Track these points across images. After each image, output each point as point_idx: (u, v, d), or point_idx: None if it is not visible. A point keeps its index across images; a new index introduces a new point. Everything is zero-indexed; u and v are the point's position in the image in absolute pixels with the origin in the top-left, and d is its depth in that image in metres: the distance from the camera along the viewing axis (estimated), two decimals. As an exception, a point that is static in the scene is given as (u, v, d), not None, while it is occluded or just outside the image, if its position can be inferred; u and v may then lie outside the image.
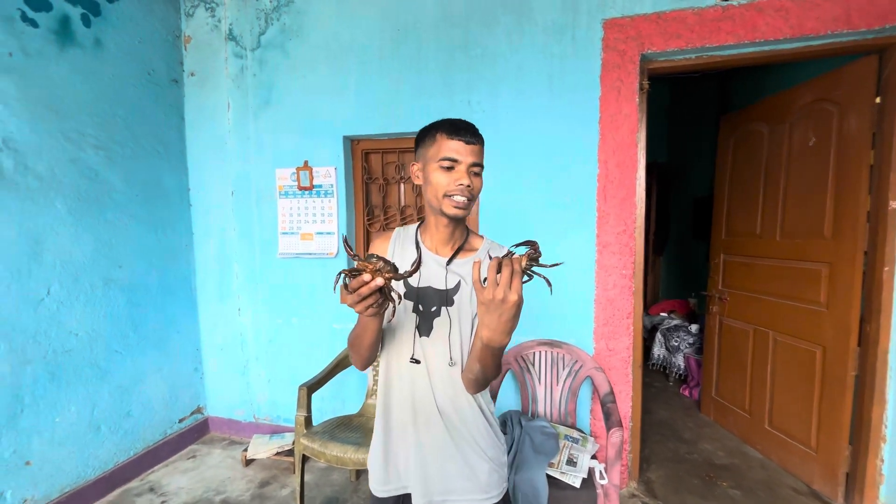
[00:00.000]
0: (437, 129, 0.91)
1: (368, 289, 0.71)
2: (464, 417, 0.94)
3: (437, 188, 0.90)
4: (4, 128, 1.74)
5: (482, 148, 0.93)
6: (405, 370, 0.94)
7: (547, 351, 2.04)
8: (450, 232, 0.96)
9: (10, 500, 1.76)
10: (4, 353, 1.74)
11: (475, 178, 0.91)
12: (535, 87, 2.06)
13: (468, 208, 0.91)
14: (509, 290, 0.69)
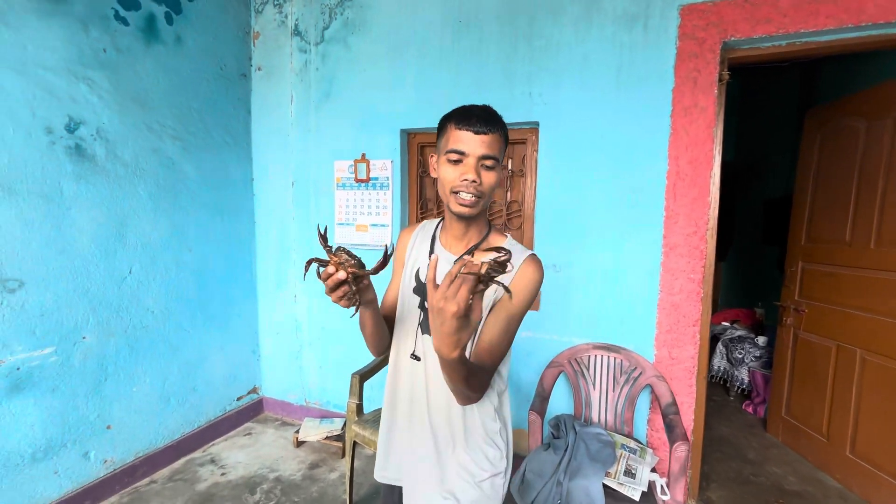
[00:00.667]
0: (449, 118, 0.84)
1: (333, 281, 0.71)
2: (454, 430, 0.89)
3: (444, 183, 0.84)
4: (98, 119, 1.89)
5: (498, 138, 0.83)
6: (408, 365, 0.92)
7: (603, 355, 1.96)
8: (462, 229, 0.90)
9: (93, 459, 1.93)
10: (93, 325, 1.90)
11: (486, 173, 0.82)
12: (600, 79, 1.97)
13: (477, 206, 0.83)
14: (449, 298, 0.59)
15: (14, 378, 1.66)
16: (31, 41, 1.66)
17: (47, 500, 1.77)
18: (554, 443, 1.65)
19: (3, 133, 1.60)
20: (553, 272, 2.10)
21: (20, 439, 1.68)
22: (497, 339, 0.82)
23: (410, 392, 0.92)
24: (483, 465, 0.90)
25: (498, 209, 2.32)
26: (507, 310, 0.83)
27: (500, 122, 0.84)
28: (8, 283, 1.63)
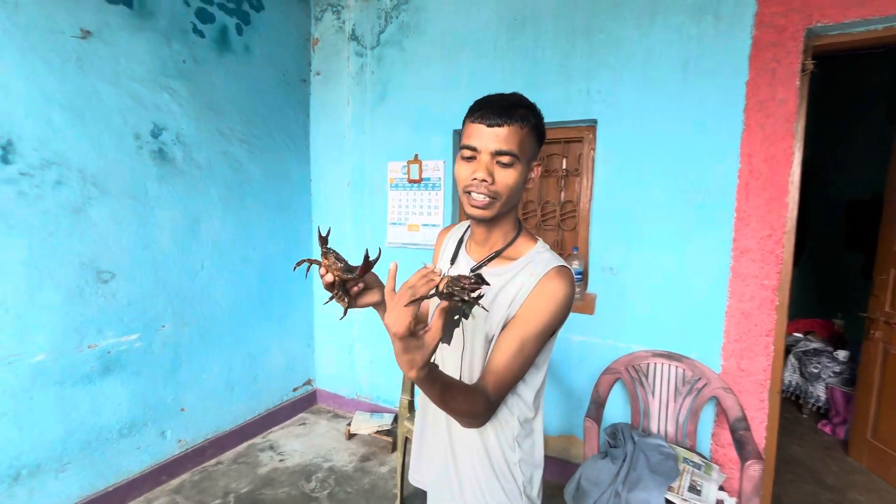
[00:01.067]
0: (468, 110, 0.77)
1: (324, 283, 0.72)
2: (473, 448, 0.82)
3: (458, 182, 0.76)
4: (178, 124, 2.05)
5: (518, 129, 0.72)
6: None
7: (664, 364, 1.86)
8: (482, 233, 0.81)
9: (169, 438, 2.09)
10: (171, 315, 2.06)
11: (501, 171, 0.72)
12: (665, 73, 1.87)
13: (491, 208, 0.74)
14: (396, 316, 0.54)
15: (106, 360, 1.83)
16: (123, 55, 1.83)
17: (130, 473, 1.94)
18: (611, 451, 1.59)
19: (101, 139, 1.77)
20: (609, 275, 2.03)
21: (110, 416, 1.86)
22: (504, 363, 0.72)
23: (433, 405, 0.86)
24: (498, 498, 0.81)
25: (552, 209, 2.27)
26: (520, 330, 0.73)
27: (523, 112, 0.73)
28: (102, 275, 1.80)
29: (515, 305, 0.76)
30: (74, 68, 1.68)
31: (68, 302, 1.71)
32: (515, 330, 0.73)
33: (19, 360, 1.58)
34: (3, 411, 1.55)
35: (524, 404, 0.83)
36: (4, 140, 1.52)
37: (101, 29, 1.76)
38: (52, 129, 1.63)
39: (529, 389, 0.82)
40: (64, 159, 1.67)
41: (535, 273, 0.76)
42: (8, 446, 1.57)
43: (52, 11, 1.61)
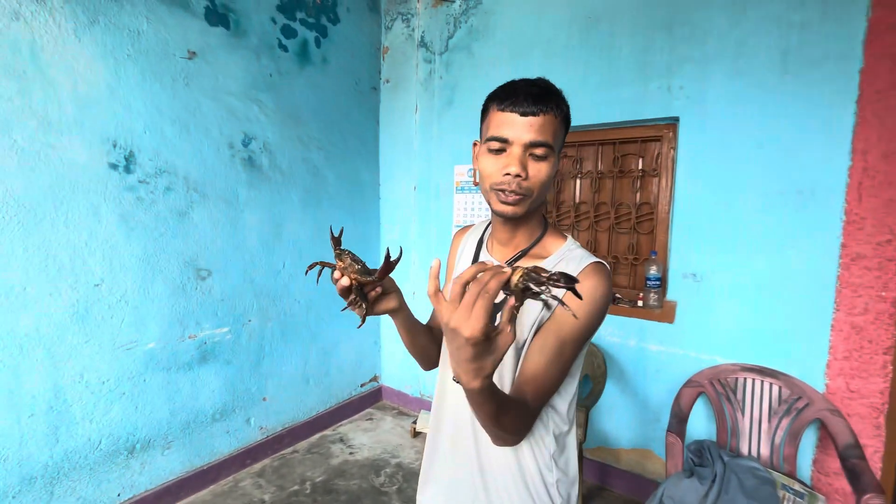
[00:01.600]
0: (492, 98, 0.69)
1: (338, 287, 0.66)
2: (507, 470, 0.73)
3: (484, 178, 0.69)
4: (264, 133, 2.21)
5: (552, 119, 0.65)
6: (449, 388, 0.78)
7: (755, 379, 1.72)
8: (508, 231, 0.75)
9: (253, 425, 2.26)
10: (256, 311, 2.22)
11: (535, 164, 0.66)
12: (759, 66, 1.73)
13: (523, 205, 0.68)
14: (466, 317, 0.45)
15: (203, 350, 2.01)
16: (220, 72, 2.01)
17: (220, 454, 2.12)
18: (697, 470, 1.50)
19: (201, 148, 1.96)
20: (691, 281, 1.91)
21: (205, 401, 2.04)
22: (543, 370, 0.65)
23: (455, 417, 0.77)
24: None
25: (626, 211, 2.18)
26: (558, 332, 0.66)
27: (556, 99, 0.66)
28: (201, 272, 1.99)
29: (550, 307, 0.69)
30: (182, 86, 1.87)
31: (173, 296, 1.90)
32: (552, 333, 0.66)
33: (136, 346, 1.79)
34: (123, 391, 1.76)
35: (559, 417, 0.75)
36: (127, 152, 1.72)
37: (204, 49, 1.94)
38: (164, 141, 1.83)
39: (563, 400, 0.74)
40: (173, 168, 1.86)
41: (570, 269, 0.70)
42: (126, 422, 1.77)
43: (165, 36, 1.80)
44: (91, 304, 1.65)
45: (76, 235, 1.60)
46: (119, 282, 1.72)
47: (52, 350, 1.56)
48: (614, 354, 2.11)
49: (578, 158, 2.30)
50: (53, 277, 1.56)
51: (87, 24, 1.59)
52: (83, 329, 1.64)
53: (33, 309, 1.52)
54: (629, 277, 2.20)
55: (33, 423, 1.54)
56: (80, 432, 1.65)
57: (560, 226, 2.40)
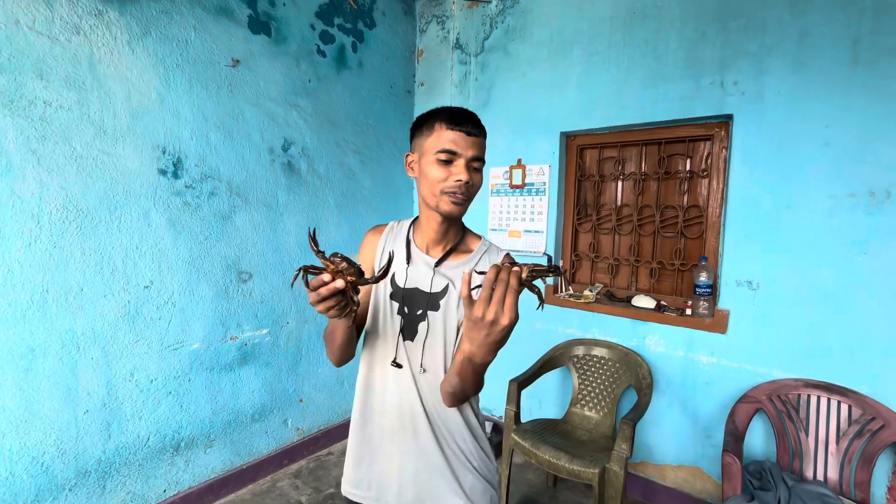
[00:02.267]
0: (436, 118, 0.82)
1: (328, 290, 0.64)
2: (449, 427, 0.87)
3: (433, 183, 0.82)
4: (303, 138, 2.24)
5: (484, 141, 0.84)
6: (389, 374, 0.87)
7: (821, 396, 1.59)
8: (443, 231, 0.89)
9: (290, 426, 2.29)
10: (294, 313, 2.25)
11: (475, 174, 0.83)
12: (826, 56, 1.60)
13: (465, 205, 0.84)
14: (502, 310, 0.59)
15: (243, 351, 2.05)
16: (262, 78, 2.05)
17: (259, 454, 2.16)
18: (758, 495, 1.39)
19: (244, 153, 2.00)
20: (746, 289, 1.79)
21: (245, 401, 2.08)
22: None
23: (397, 401, 0.86)
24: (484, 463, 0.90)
25: (673, 215, 2.07)
26: None
27: (484, 127, 0.85)
28: (242, 275, 2.03)
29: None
30: (226, 93, 1.92)
31: (216, 298, 1.94)
32: None
33: (182, 347, 1.84)
34: (169, 390, 1.81)
35: None
36: (175, 158, 1.77)
37: (247, 57, 1.98)
38: (210, 147, 1.88)
39: None
40: (217, 173, 1.91)
41: (493, 259, 0.90)
42: (172, 421, 1.83)
43: (211, 46, 1.85)
44: (141, 305, 1.71)
45: (128, 239, 1.66)
46: (167, 284, 1.78)
47: (106, 349, 1.63)
48: (660, 365, 2.01)
49: (620, 159, 2.21)
50: (108, 279, 1.62)
51: (140, 35, 1.65)
52: (134, 329, 1.70)
53: (89, 309, 1.58)
54: (675, 284, 2.09)
55: (88, 420, 1.60)
56: (130, 429, 1.71)
57: (601, 229, 2.31)
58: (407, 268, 0.89)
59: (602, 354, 2.10)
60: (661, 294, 2.12)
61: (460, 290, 0.63)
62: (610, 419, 2.00)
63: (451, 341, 0.86)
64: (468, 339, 0.64)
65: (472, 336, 0.63)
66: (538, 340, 2.38)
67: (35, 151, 1.45)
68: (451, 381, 0.76)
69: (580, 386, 2.12)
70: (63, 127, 1.50)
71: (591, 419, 2.04)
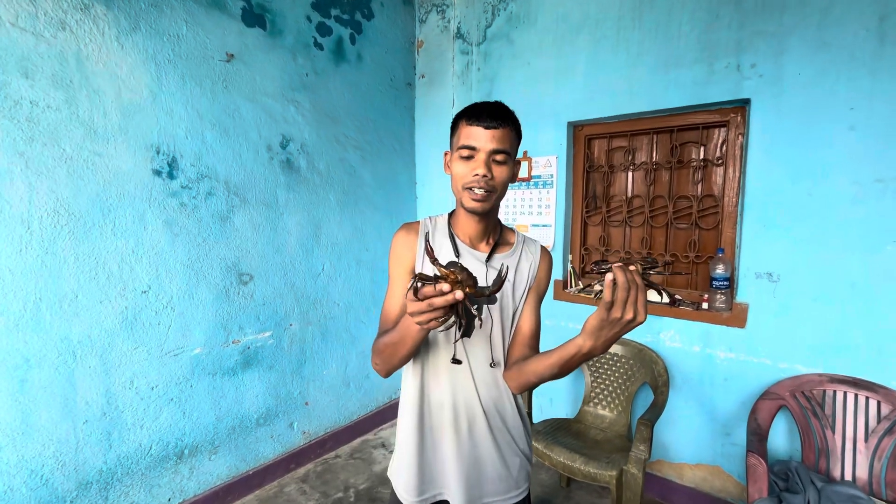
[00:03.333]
0: (461, 116, 0.84)
1: (444, 301, 0.60)
2: (505, 417, 0.91)
3: (457, 179, 0.84)
4: (301, 134, 2.17)
5: (510, 132, 0.82)
6: (444, 372, 0.87)
7: (848, 392, 1.52)
8: (483, 226, 0.90)
9: (296, 429, 2.24)
10: (297, 315, 2.20)
11: (497, 168, 0.81)
12: (850, 35, 1.52)
13: (489, 200, 0.83)
14: (638, 309, 0.62)
15: (246, 355, 2.00)
16: (258, 73, 1.98)
17: (266, 459, 2.11)
18: (786, 497, 1.33)
19: (241, 151, 1.94)
20: (767, 282, 1.71)
21: (249, 406, 2.03)
22: (538, 323, 0.93)
23: (452, 398, 0.87)
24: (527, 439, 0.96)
25: (687, 205, 2.00)
26: (539, 296, 0.95)
27: (512, 117, 0.83)
28: (242, 277, 1.97)
29: (531, 277, 0.93)
30: (221, 89, 1.85)
31: (217, 301, 1.89)
32: (537, 296, 0.94)
33: (183, 352, 1.79)
34: (171, 397, 1.76)
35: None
36: (170, 158, 1.71)
37: (242, 51, 1.91)
38: (205, 146, 1.81)
39: None
40: (214, 172, 1.84)
41: (533, 251, 0.95)
42: (175, 428, 1.78)
43: (204, 40, 1.78)
44: (139, 310, 1.66)
45: (123, 243, 1.61)
46: (165, 288, 1.72)
47: (104, 357, 1.58)
48: (676, 361, 1.94)
49: (630, 149, 2.13)
50: (103, 285, 1.57)
51: (129, 30, 1.58)
52: (132, 335, 1.65)
53: (85, 316, 1.53)
54: (690, 277, 2.02)
55: (88, 430, 1.56)
56: (132, 438, 1.66)
57: (611, 221, 2.24)
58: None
59: (615, 351, 2.04)
60: (676, 288, 2.05)
61: (603, 298, 0.63)
62: (625, 418, 1.94)
63: (508, 333, 0.91)
64: (594, 336, 0.66)
65: (601, 334, 0.65)
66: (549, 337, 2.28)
67: (23, 154, 1.39)
68: (543, 373, 0.79)
69: (593, 384, 2.06)
70: (51, 128, 1.44)
71: (605, 418, 1.98)
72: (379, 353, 0.83)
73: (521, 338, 0.90)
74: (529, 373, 0.82)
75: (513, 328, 0.91)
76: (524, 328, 0.91)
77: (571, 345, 0.70)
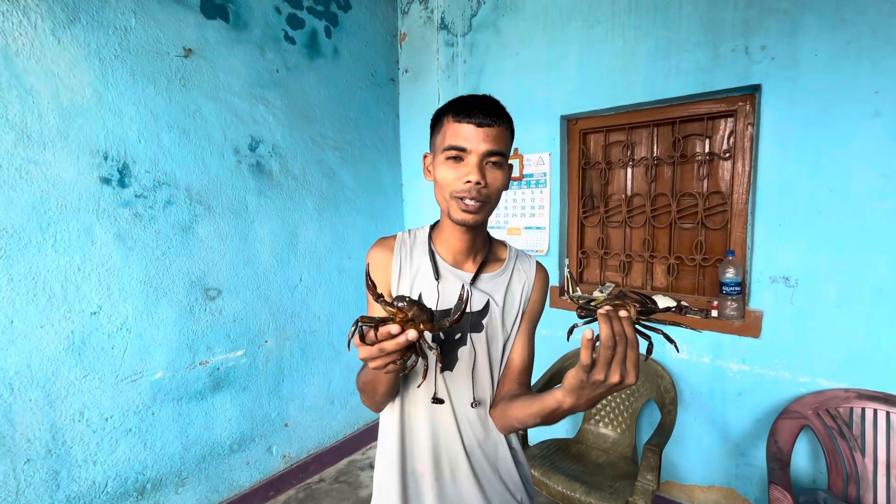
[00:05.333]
0: (445, 111, 0.71)
1: (395, 344, 0.51)
2: (495, 462, 0.78)
3: (443, 187, 0.70)
4: (273, 136, 2.01)
5: (504, 131, 0.70)
6: (423, 410, 0.76)
7: (878, 410, 1.36)
8: (470, 240, 0.77)
9: (275, 454, 2.08)
10: (273, 330, 2.03)
11: (492, 172, 0.70)
12: (872, 9, 1.35)
13: (482, 212, 0.71)
14: (626, 369, 0.52)
15: (216, 377, 1.84)
16: (221, 69, 1.81)
17: (241, 488, 1.95)
18: (815, 536, 1.17)
19: (203, 155, 1.77)
20: (783, 286, 1.55)
21: (221, 432, 1.87)
22: (530, 356, 0.81)
23: (432, 441, 0.75)
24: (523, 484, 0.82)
25: (691, 203, 1.83)
26: (532, 324, 0.82)
27: (506, 113, 0.71)
28: (210, 292, 1.81)
29: (525, 300, 0.81)
30: (178, 87, 1.68)
31: (180, 320, 1.72)
32: (531, 323, 0.82)
33: (141, 378, 1.62)
34: (129, 427, 1.60)
35: None
36: (120, 164, 1.55)
37: (202, 45, 1.75)
38: (162, 150, 1.65)
39: None
40: (173, 179, 1.68)
41: (526, 268, 0.82)
42: (134, 461, 1.62)
43: (157, 33, 1.62)
44: (88, 334, 1.49)
45: (67, 260, 1.44)
46: (119, 308, 1.56)
47: (46, 388, 1.42)
48: (683, 373, 1.78)
49: (629, 143, 1.97)
50: (44, 308, 1.40)
51: (67, 22, 1.41)
52: (80, 362, 1.48)
53: (23, 344, 1.37)
54: (696, 281, 1.86)
55: (30, 470, 1.39)
56: (82, 476, 1.50)
57: (610, 222, 2.08)
58: (437, 285, 0.76)
59: (617, 363, 1.87)
60: (680, 293, 1.89)
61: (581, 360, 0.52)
62: (629, 437, 1.78)
63: (498, 365, 0.79)
64: (575, 395, 0.56)
65: (583, 394, 0.55)
66: (544, 348, 2.15)
67: (-60, 163, 1.23)
68: (525, 421, 0.68)
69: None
70: (-25, 133, 1.27)
71: (608, 437, 1.82)
72: (361, 391, 0.76)
73: (510, 372, 0.79)
74: (512, 418, 0.71)
75: (503, 360, 0.79)
76: (514, 361, 0.79)
77: (551, 398, 0.60)
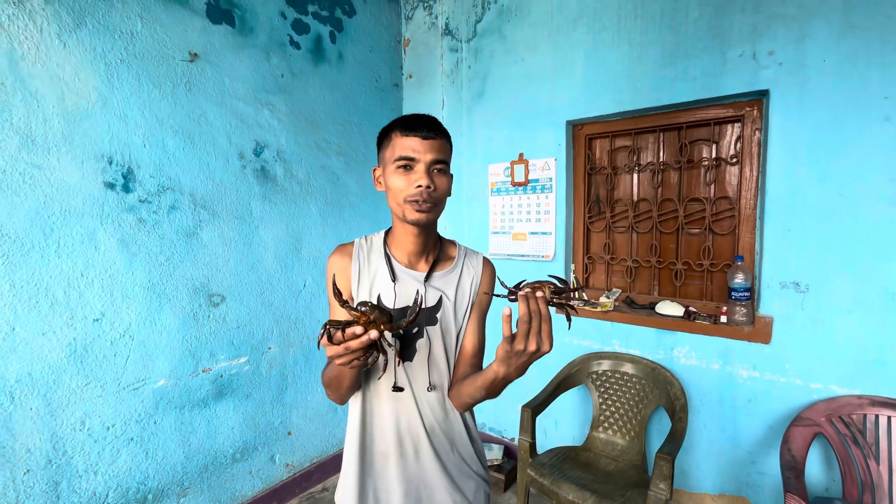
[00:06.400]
0: (392, 128, 0.81)
1: (359, 343, 0.60)
2: (452, 439, 0.88)
3: (396, 193, 0.79)
4: (277, 140, 2.00)
5: (446, 143, 0.82)
6: (385, 398, 0.84)
7: (893, 417, 1.34)
8: (422, 242, 0.86)
9: (278, 462, 2.05)
10: (277, 337, 2.01)
11: (438, 178, 0.80)
12: (880, 14, 1.36)
13: (433, 212, 0.81)
14: (542, 339, 0.62)
15: (219, 384, 1.81)
16: (227, 75, 1.80)
17: (244, 497, 1.92)
18: (833, 547, 1.14)
19: (209, 160, 1.76)
20: (793, 292, 1.54)
21: (224, 440, 1.84)
22: (481, 342, 0.91)
23: (395, 425, 0.84)
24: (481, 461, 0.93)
25: (699, 209, 1.83)
26: (481, 313, 0.92)
27: (444, 128, 0.82)
28: (213, 298, 1.79)
29: (474, 293, 0.90)
30: (184, 92, 1.67)
31: (184, 327, 1.70)
32: (480, 312, 0.91)
33: (144, 385, 1.60)
34: (130, 436, 1.57)
35: None
36: (125, 169, 1.53)
37: (208, 50, 1.74)
38: (167, 155, 1.63)
39: None
40: (177, 184, 1.67)
41: (474, 264, 0.92)
42: (136, 471, 1.59)
43: (163, 37, 1.61)
44: (90, 341, 1.47)
45: (70, 266, 1.42)
46: (121, 315, 1.54)
47: (48, 396, 1.39)
48: (692, 380, 1.76)
49: (635, 149, 1.97)
50: (46, 314, 1.38)
51: (73, 27, 1.40)
52: (82, 370, 1.46)
53: (24, 352, 1.34)
54: (704, 287, 1.85)
55: (30, 481, 1.36)
56: (83, 486, 1.47)
57: (616, 227, 2.07)
58: (394, 286, 0.84)
59: (625, 370, 1.86)
60: (688, 299, 1.88)
61: (502, 328, 0.62)
62: (638, 444, 1.76)
63: (453, 353, 0.88)
64: (505, 364, 0.66)
65: (511, 362, 0.65)
66: (551, 355, 2.13)
67: (-57, 168, 1.21)
68: (474, 395, 0.79)
69: (602, 406, 1.88)
70: (-21, 137, 1.26)
71: (617, 445, 1.80)
72: (327, 386, 0.82)
73: (463, 357, 0.88)
74: (465, 395, 0.82)
75: (457, 348, 0.88)
76: (466, 347, 0.89)
77: (489, 371, 0.71)
